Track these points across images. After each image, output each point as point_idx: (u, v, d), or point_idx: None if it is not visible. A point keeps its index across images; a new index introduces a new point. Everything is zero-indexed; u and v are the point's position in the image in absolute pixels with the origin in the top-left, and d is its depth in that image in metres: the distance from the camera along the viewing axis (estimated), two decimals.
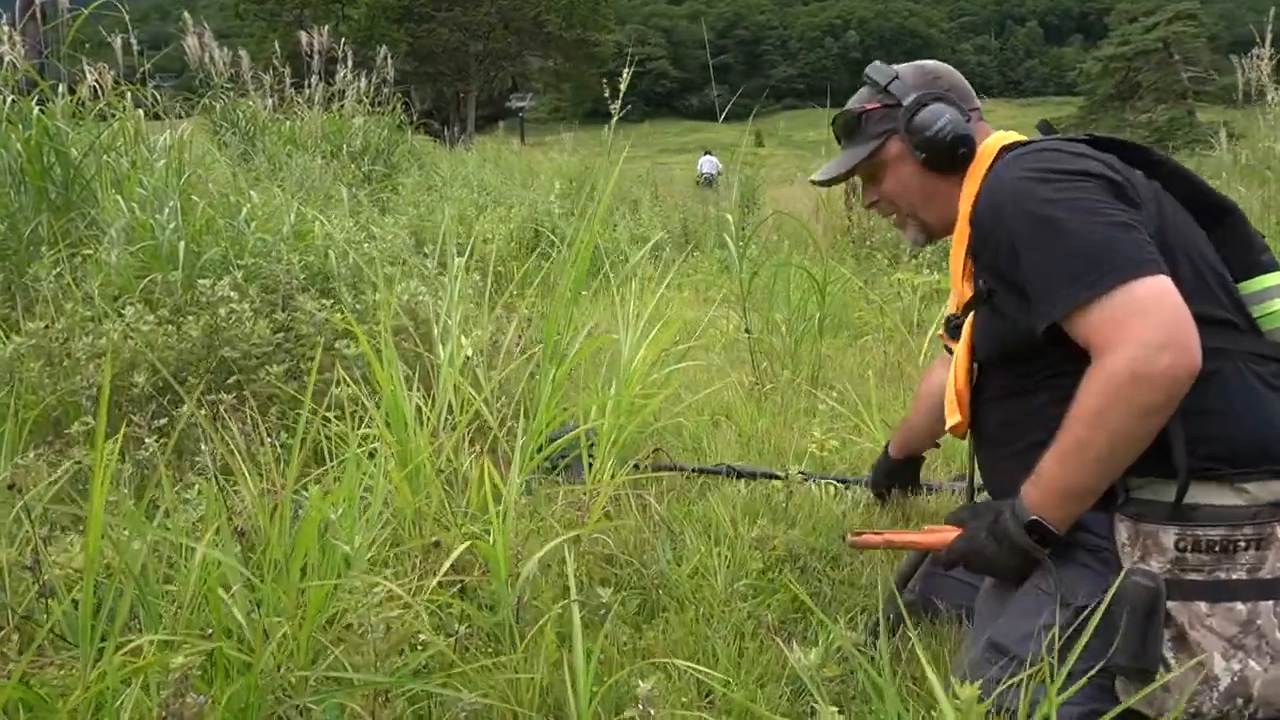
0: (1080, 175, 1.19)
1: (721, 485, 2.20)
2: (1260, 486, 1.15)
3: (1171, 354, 1.06)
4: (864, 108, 1.51)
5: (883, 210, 1.57)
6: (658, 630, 1.60)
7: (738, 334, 3.47)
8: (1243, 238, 1.27)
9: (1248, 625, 1.12)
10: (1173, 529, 1.14)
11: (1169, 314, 1.08)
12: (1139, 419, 1.10)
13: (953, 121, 1.40)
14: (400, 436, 1.62)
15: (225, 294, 2.40)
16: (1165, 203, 1.25)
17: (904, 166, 1.48)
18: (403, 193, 6.15)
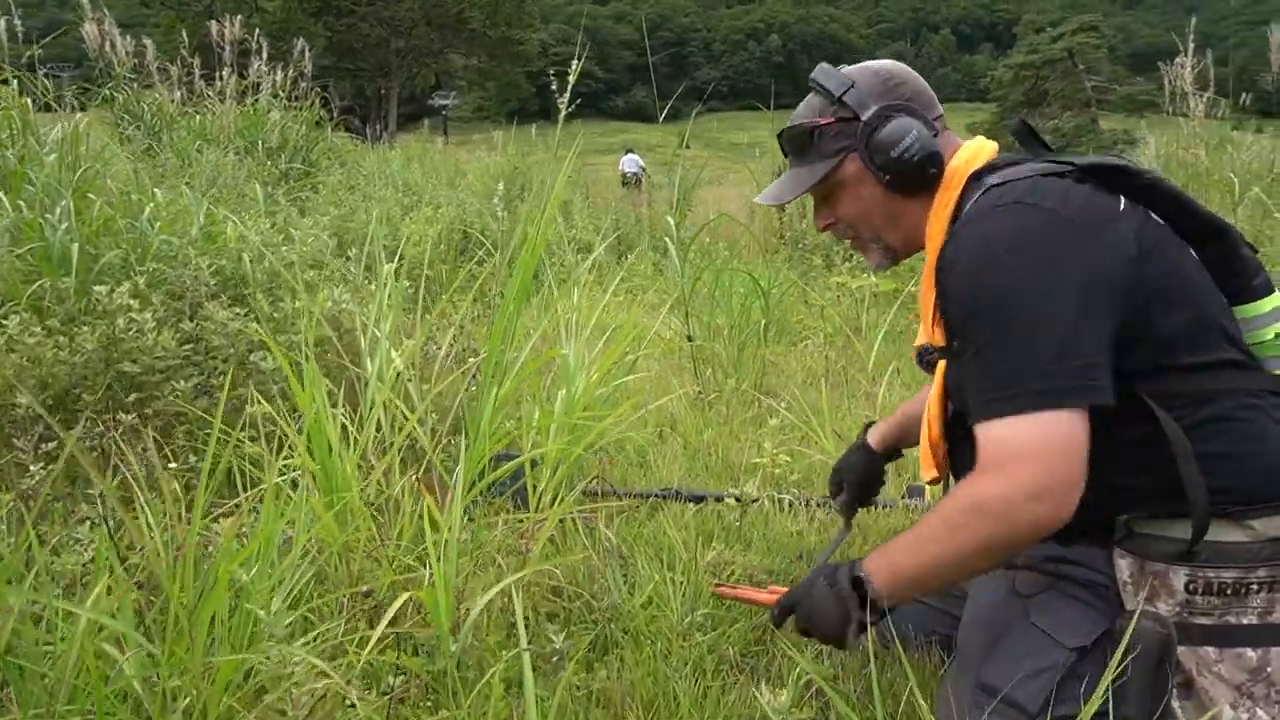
0: (1047, 255, 1.07)
1: (672, 503, 2.09)
2: (1266, 522, 1.08)
3: (1042, 506, 1.03)
4: (816, 122, 1.30)
5: (840, 233, 1.39)
6: (612, 669, 1.47)
7: (678, 340, 3.37)
8: (1236, 262, 1.17)
9: (1258, 672, 1.06)
10: (1183, 570, 1.07)
11: (1057, 464, 1.03)
12: (985, 549, 1.08)
13: (920, 138, 1.22)
14: (325, 464, 1.46)
15: (124, 302, 2.18)
16: (1155, 239, 1.12)
17: (864, 188, 1.29)
18: (323, 192, 5.87)
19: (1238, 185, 3.60)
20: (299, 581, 1.38)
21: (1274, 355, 1.17)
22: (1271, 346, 1.17)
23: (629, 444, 2.43)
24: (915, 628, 1.52)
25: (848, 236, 1.39)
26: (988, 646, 1.20)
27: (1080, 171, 1.14)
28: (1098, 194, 1.13)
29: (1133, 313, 1.08)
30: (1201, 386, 1.09)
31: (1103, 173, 1.14)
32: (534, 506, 1.72)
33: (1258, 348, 1.17)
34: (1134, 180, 1.14)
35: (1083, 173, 1.14)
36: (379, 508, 1.70)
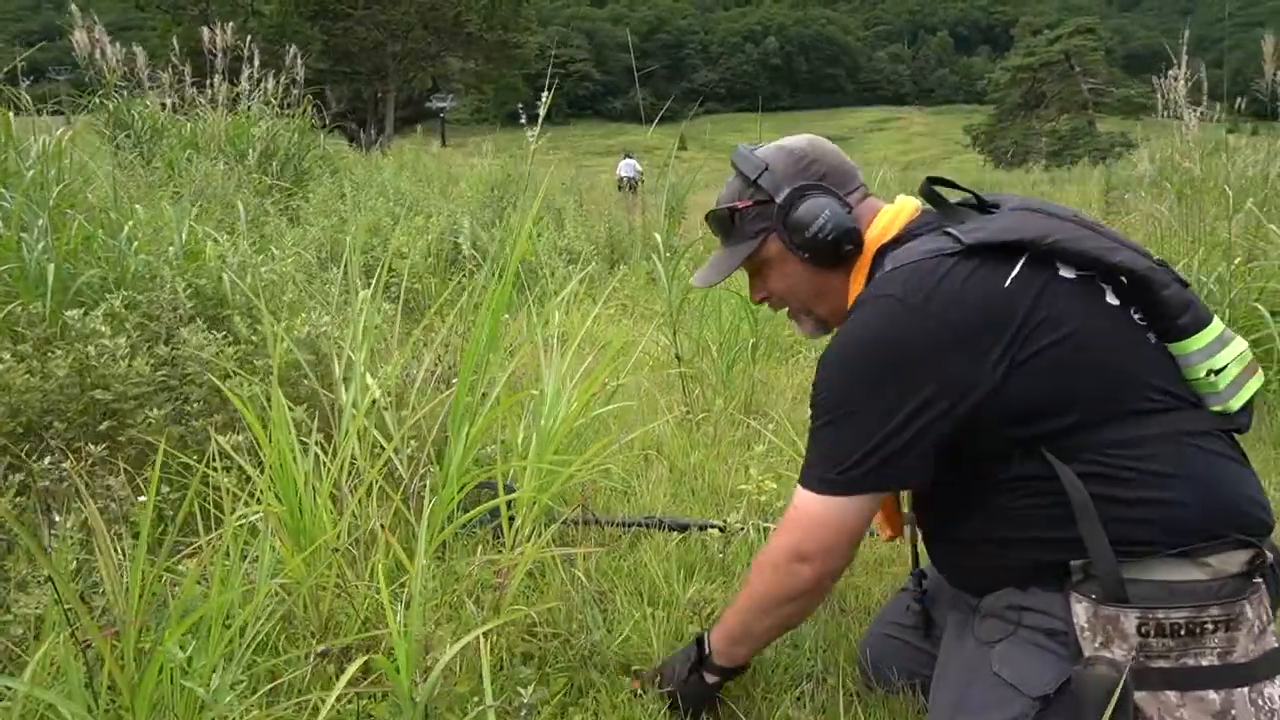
0: (892, 358, 1.14)
1: (654, 534, 2.05)
2: (1222, 559, 1.07)
3: (811, 567, 1.22)
4: (735, 206, 1.36)
5: (774, 306, 1.46)
6: (587, 714, 1.43)
7: (667, 357, 3.33)
8: (1153, 303, 1.14)
9: (1222, 716, 1.03)
10: (1134, 613, 1.05)
11: (824, 538, 1.21)
12: (771, 599, 1.29)
13: (832, 217, 1.27)
14: (290, 504, 1.42)
15: (96, 327, 2.13)
16: (1052, 308, 1.12)
17: (788, 265, 1.35)
18: (314, 201, 5.83)
19: (1232, 198, 3.56)
20: (263, 627, 1.34)
21: (1209, 393, 1.16)
22: (1205, 384, 1.15)
23: (614, 469, 2.39)
24: (899, 670, 1.48)
25: (781, 309, 1.47)
26: (955, 700, 1.18)
27: (969, 249, 1.14)
28: (983, 271, 1.13)
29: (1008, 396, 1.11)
30: (1127, 436, 1.10)
31: (994, 247, 1.15)
32: (510, 543, 1.67)
33: (1195, 384, 1.16)
34: (1032, 247, 1.14)
35: (970, 250, 1.14)
36: (353, 542, 1.66)
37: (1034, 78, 38.74)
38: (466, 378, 1.50)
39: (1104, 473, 1.09)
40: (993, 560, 1.20)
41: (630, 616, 1.66)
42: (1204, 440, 1.12)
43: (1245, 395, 1.17)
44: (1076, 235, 1.15)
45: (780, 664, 1.60)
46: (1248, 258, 3.61)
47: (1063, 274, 1.14)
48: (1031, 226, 1.16)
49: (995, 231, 1.16)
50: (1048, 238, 1.13)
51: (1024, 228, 1.16)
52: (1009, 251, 1.14)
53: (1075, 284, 1.14)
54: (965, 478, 1.18)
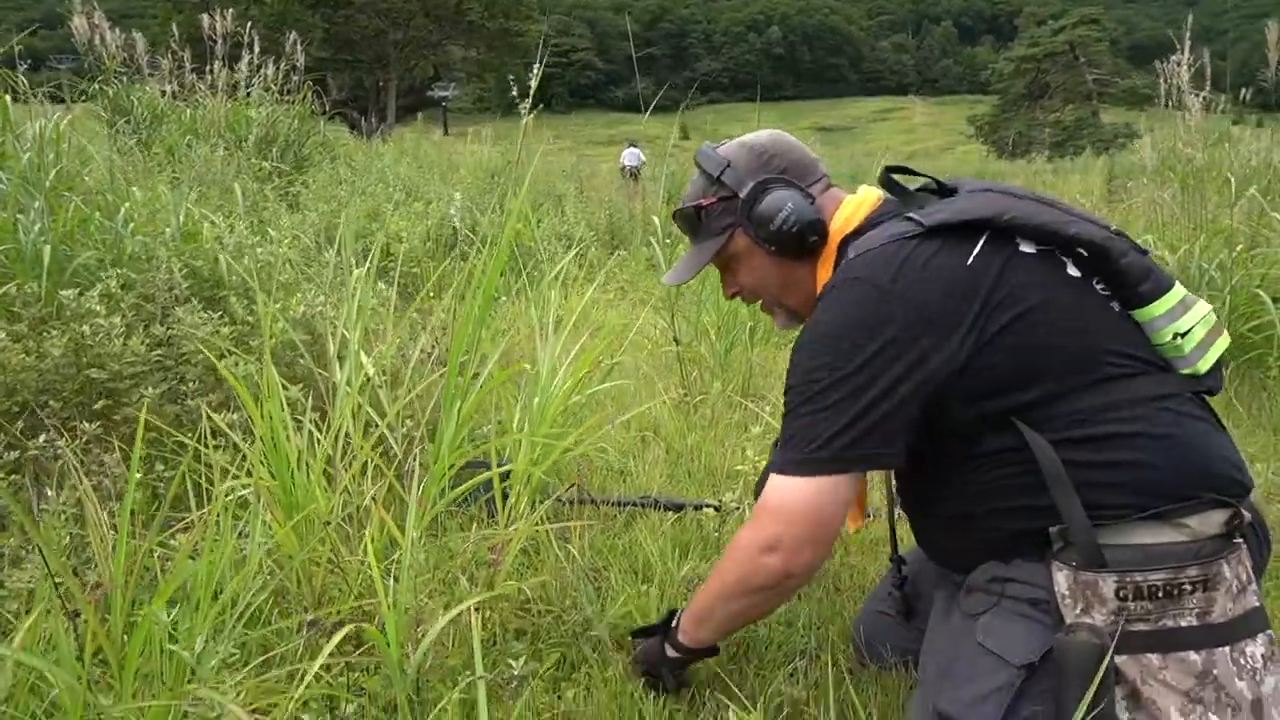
0: (860, 340, 1.13)
1: (649, 513, 2.05)
2: (1200, 520, 1.08)
3: (778, 557, 1.18)
4: (700, 203, 1.38)
5: (747, 299, 1.47)
6: (579, 688, 1.43)
7: (666, 340, 3.32)
8: (1112, 272, 1.17)
9: (1204, 676, 1.03)
10: (1111, 577, 1.05)
11: (794, 525, 1.17)
12: (734, 590, 1.26)
13: (795, 209, 1.29)
14: (283, 479, 1.42)
15: (91, 306, 2.13)
16: (1014, 282, 1.13)
17: (756, 258, 1.37)
18: (313, 187, 5.81)
19: (1234, 184, 3.54)
20: (255, 600, 1.34)
21: (1176, 356, 1.17)
22: (1171, 348, 1.17)
23: (610, 448, 2.39)
24: (891, 648, 1.48)
25: (753, 302, 1.47)
26: (941, 672, 1.18)
27: (929, 230, 1.16)
28: (945, 251, 1.14)
29: (976, 373, 1.12)
30: (1096, 402, 1.11)
31: (954, 227, 1.16)
32: (504, 520, 1.67)
33: (1162, 349, 1.18)
34: (990, 225, 1.15)
35: (931, 231, 1.16)
36: (346, 517, 1.66)
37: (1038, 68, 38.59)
38: (458, 352, 1.50)
39: (1074, 439, 1.09)
40: (973, 535, 1.20)
41: (624, 593, 1.66)
42: (1174, 403, 1.13)
43: (1213, 357, 1.19)
44: (1033, 210, 1.18)
45: (774, 641, 1.60)
46: (1249, 245, 3.60)
47: (1023, 249, 1.16)
48: (990, 205, 1.18)
49: (955, 212, 1.17)
50: (1005, 214, 1.15)
51: (982, 207, 1.17)
52: (970, 230, 1.16)
53: (1036, 259, 1.16)
54: (937, 455, 1.19)
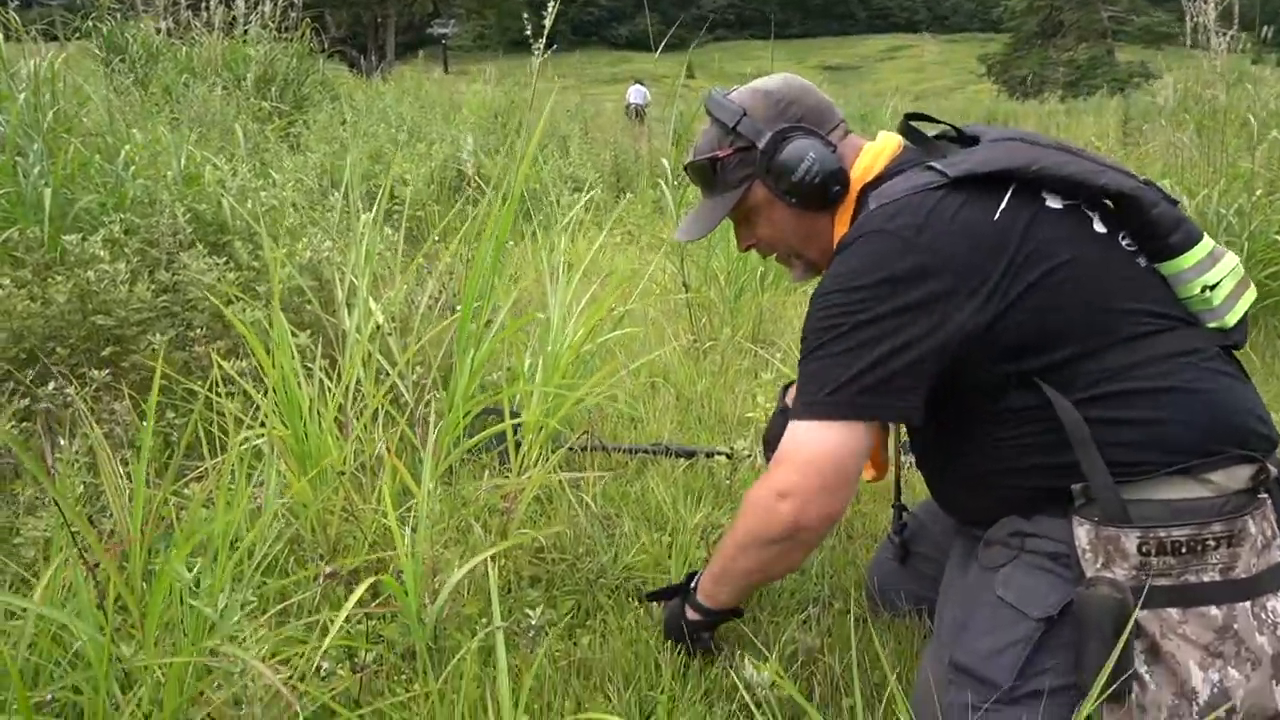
0: (883, 290, 1.10)
1: (661, 460, 2.05)
2: (1226, 475, 1.07)
3: (789, 505, 1.13)
4: (716, 155, 1.31)
5: (762, 252, 1.43)
6: (595, 635, 1.44)
7: (674, 285, 3.29)
8: (1143, 223, 1.14)
9: (1224, 631, 1.03)
10: (1134, 532, 1.04)
11: (812, 472, 1.12)
12: (751, 542, 1.21)
13: (818, 159, 1.23)
14: (295, 428, 1.41)
15: (96, 252, 2.10)
16: (1041, 237, 1.10)
17: (775, 211, 1.31)
18: (313, 128, 5.72)
19: (1256, 127, 3.46)
20: (271, 549, 1.34)
21: (1204, 310, 1.15)
22: (1199, 301, 1.15)
23: (620, 396, 2.38)
24: (905, 595, 1.49)
25: (769, 255, 1.42)
26: (958, 624, 1.17)
27: (954, 181, 1.12)
28: (971, 204, 1.11)
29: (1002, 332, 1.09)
30: (1122, 362, 1.09)
31: (979, 179, 1.12)
32: (517, 468, 1.67)
33: (1189, 302, 1.16)
34: (1017, 175, 1.12)
35: (956, 182, 1.12)
36: (359, 466, 1.66)
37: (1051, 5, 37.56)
38: (470, 301, 1.47)
39: (1098, 396, 1.08)
40: (994, 492, 1.19)
41: (637, 541, 1.67)
42: (1200, 358, 1.11)
43: (1240, 310, 1.17)
44: (1061, 160, 1.14)
45: (786, 589, 1.60)
46: (1269, 190, 3.53)
47: (1050, 204, 1.13)
48: (1016, 156, 1.14)
49: (979, 162, 1.14)
50: (1033, 165, 1.12)
51: (1008, 157, 1.14)
52: (995, 183, 1.12)
53: (1062, 214, 1.13)
54: (959, 412, 1.17)
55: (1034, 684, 1.07)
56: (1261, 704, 1.02)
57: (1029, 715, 1.04)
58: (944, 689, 1.13)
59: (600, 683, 1.33)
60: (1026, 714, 1.05)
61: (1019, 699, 1.06)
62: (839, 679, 1.35)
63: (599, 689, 1.32)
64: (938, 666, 1.16)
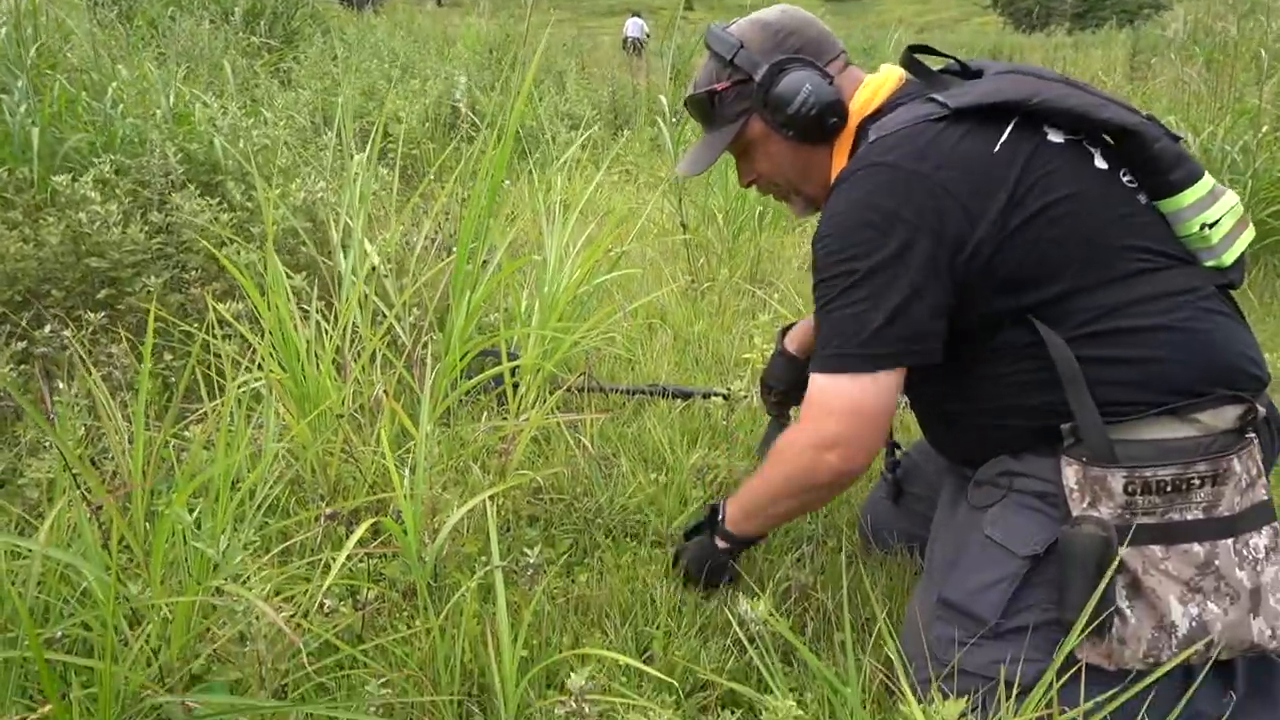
0: (892, 224, 1.09)
1: (658, 401, 2.06)
2: (1214, 415, 1.08)
3: (837, 455, 1.16)
4: (714, 89, 1.30)
5: (763, 188, 1.41)
6: (592, 573, 1.47)
7: (672, 224, 3.27)
8: (1145, 159, 1.13)
9: (1205, 566, 1.05)
10: (1120, 472, 1.06)
11: (854, 423, 1.14)
12: (789, 488, 1.24)
13: (814, 90, 1.22)
14: (293, 371, 1.42)
15: (85, 193, 2.08)
16: (1042, 170, 1.10)
17: (773, 144, 1.30)
18: (304, 64, 5.60)
19: (1266, 60, 3.39)
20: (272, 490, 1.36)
21: (1202, 248, 1.14)
22: (1198, 239, 1.14)
23: (618, 337, 2.38)
24: (898, 534, 1.51)
25: (770, 191, 1.41)
26: (948, 562, 1.20)
27: (955, 113, 1.11)
28: (972, 136, 1.11)
29: (1001, 264, 1.09)
30: (1117, 299, 1.09)
31: (983, 109, 1.11)
32: (515, 410, 1.68)
33: (1188, 240, 1.15)
34: (1019, 108, 1.11)
35: (958, 114, 1.11)
36: (358, 408, 1.67)
37: None
38: (466, 243, 1.46)
39: (1091, 334, 1.08)
40: (984, 432, 1.20)
41: (634, 481, 1.69)
42: (1196, 297, 1.11)
43: (1238, 249, 1.16)
44: (1063, 93, 1.13)
45: (780, 528, 1.63)
46: (1275, 126, 3.48)
47: (1051, 138, 1.13)
48: (1018, 88, 1.13)
49: (982, 94, 1.13)
50: (1034, 97, 1.11)
51: (1010, 89, 1.12)
52: (997, 115, 1.11)
53: (1064, 148, 1.13)
54: (952, 351, 1.17)
55: (1018, 620, 1.09)
56: (1239, 636, 1.05)
57: (1013, 650, 1.07)
58: (931, 624, 1.16)
59: (597, 619, 1.36)
60: (1011, 649, 1.07)
61: (1004, 634, 1.09)
62: (831, 615, 1.38)
63: (596, 625, 1.35)
64: (927, 602, 1.19)
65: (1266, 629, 1.05)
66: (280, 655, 0.89)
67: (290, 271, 1.96)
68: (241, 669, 0.89)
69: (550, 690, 1.19)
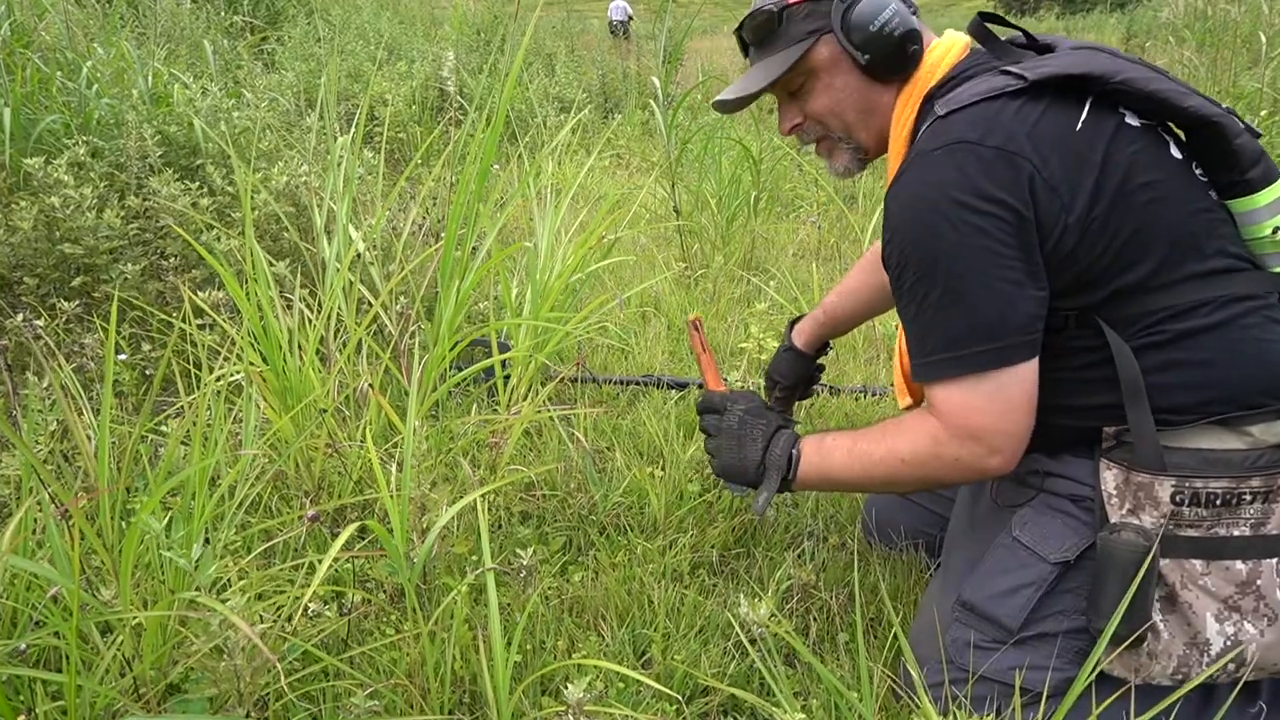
0: (989, 207, 0.99)
1: (652, 392, 2.01)
2: (1265, 429, 1.02)
3: (999, 460, 1.05)
4: (785, 2, 1.17)
5: (808, 134, 1.26)
6: (587, 572, 1.42)
7: (665, 209, 3.20)
8: (1221, 154, 1.05)
9: (1246, 585, 1.00)
10: (1169, 480, 1.00)
11: (1012, 419, 1.04)
12: (923, 482, 1.12)
13: (898, 11, 1.12)
14: (275, 364, 1.36)
15: (59, 177, 2.01)
16: (1126, 152, 1.01)
17: (839, 74, 1.18)
18: (289, 44, 5.49)
19: (1265, 44, 3.35)
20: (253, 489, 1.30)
21: (1270, 252, 1.07)
22: (1269, 244, 1.06)
23: (611, 326, 2.32)
24: (905, 530, 1.47)
25: (815, 137, 1.27)
26: (970, 561, 1.15)
27: (1034, 86, 1.02)
28: (1052, 112, 1.02)
29: (1077, 245, 1.01)
30: (1181, 299, 1.02)
31: (1060, 83, 1.02)
32: (506, 403, 1.62)
33: (1256, 244, 1.07)
34: (1101, 84, 1.02)
35: (1037, 87, 1.02)
36: (344, 401, 1.61)
37: None
38: (454, 229, 1.40)
39: (1157, 336, 1.02)
40: None
41: (629, 475, 1.64)
42: (1262, 304, 1.04)
43: None
44: (1147, 76, 1.04)
45: (781, 523, 1.58)
46: (1274, 110, 3.44)
47: (1129, 121, 1.04)
48: (1098, 63, 1.03)
49: (1061, 66, 1.03)
50: (1118, 75, 1.02)
51: (1091, 63, 1.03)
52: (1075, 91, 1.02)
53: (1142, 133, 1.04)
54: None
55: (1041, 627, 1.05)
56: (1273, 659, 1.00)
57: (1033, 658, 1.03)
58: (949, 625, 1.11)
59: (593, 621, 1.32)
60: (1031, 655, 1.03)
61: (1025, 641, 1.05)
62: (835, 615, 1.34)
63: (591, 627, 1.31)
64: (945, 602, 1.14)
65: None
66: (259, 669, 0.83)
67: (273, 258, 1.90)
68: (218, 685, 0.84)
69: (545, 697, 1.15)
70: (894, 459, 1.11)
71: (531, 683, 1.09)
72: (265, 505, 1.43)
